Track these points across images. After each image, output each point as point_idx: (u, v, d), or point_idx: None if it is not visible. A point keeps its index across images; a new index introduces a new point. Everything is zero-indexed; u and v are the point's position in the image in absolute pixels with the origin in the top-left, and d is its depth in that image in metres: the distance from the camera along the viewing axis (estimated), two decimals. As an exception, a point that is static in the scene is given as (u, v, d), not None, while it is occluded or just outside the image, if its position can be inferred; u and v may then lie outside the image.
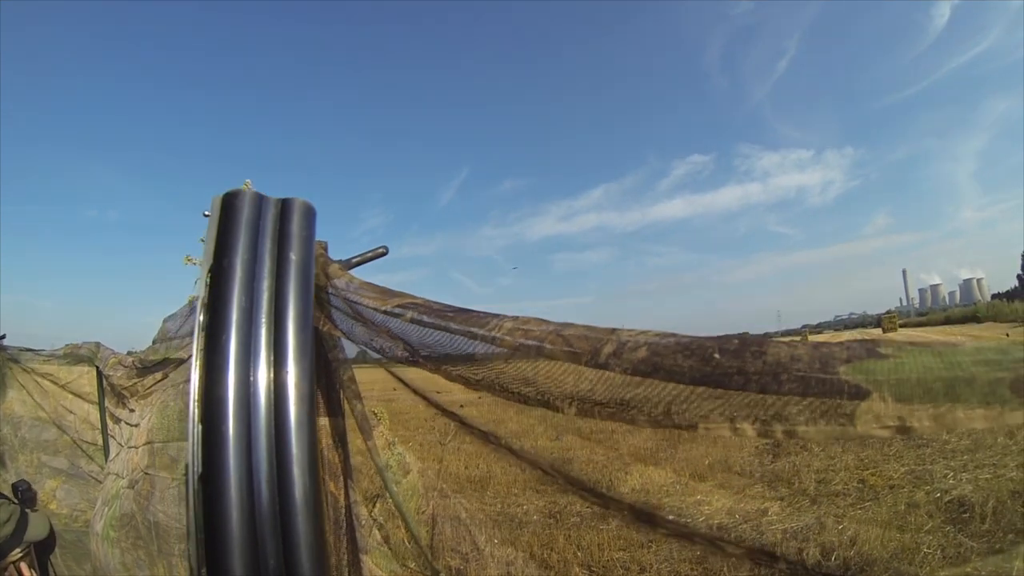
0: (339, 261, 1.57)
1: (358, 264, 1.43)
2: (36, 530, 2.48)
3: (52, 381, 2.85)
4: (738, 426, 0.90)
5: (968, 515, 4.86)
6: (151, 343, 2.46)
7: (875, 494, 5.79)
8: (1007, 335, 28.35)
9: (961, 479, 5.80)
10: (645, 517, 1.24)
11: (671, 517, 4.25)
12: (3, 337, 3.17)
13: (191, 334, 1.29)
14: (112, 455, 2.61)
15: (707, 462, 7.98)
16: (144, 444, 2.28)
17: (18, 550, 2.39)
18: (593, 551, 5.13)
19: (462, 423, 1.72)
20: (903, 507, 5.29)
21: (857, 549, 4.46)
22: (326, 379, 1.78)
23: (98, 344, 2.71)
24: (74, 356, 2.81)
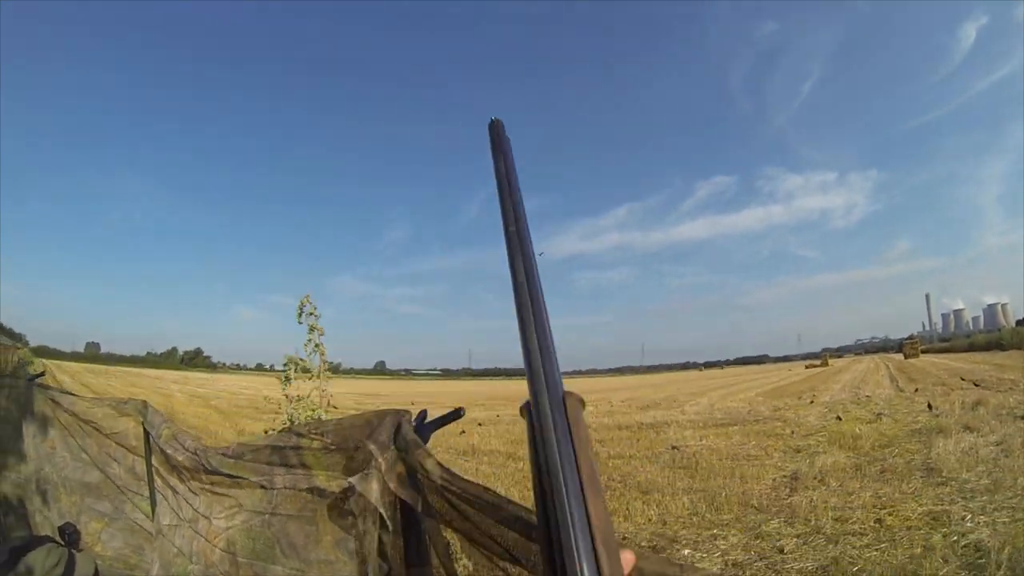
0: (419, 421, 1.76)
1: (439, 426, 1.56)
2: (83, 572, 2.56)
3: (95, 428, 2.90)
4: None
5: (984, 560, 4.82)
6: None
7: (892, 535, 5.75)
8: (1032, 365, 28.03)
9: (979, 522, 5.77)
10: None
11: (687, 551, 4.32)
12: (42, 375, 3.22)
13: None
14: (165, 518, 2.62)
15: (724, 494, 7.95)
16: (223, 548, 2.35)
17: None
18: None
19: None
20: (919, 550, 5.24)
21: None
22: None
23: (145, 404, 2.77)
24: (118, 409, 2.85)
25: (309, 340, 5.28)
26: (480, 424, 20.15)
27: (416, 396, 47.09)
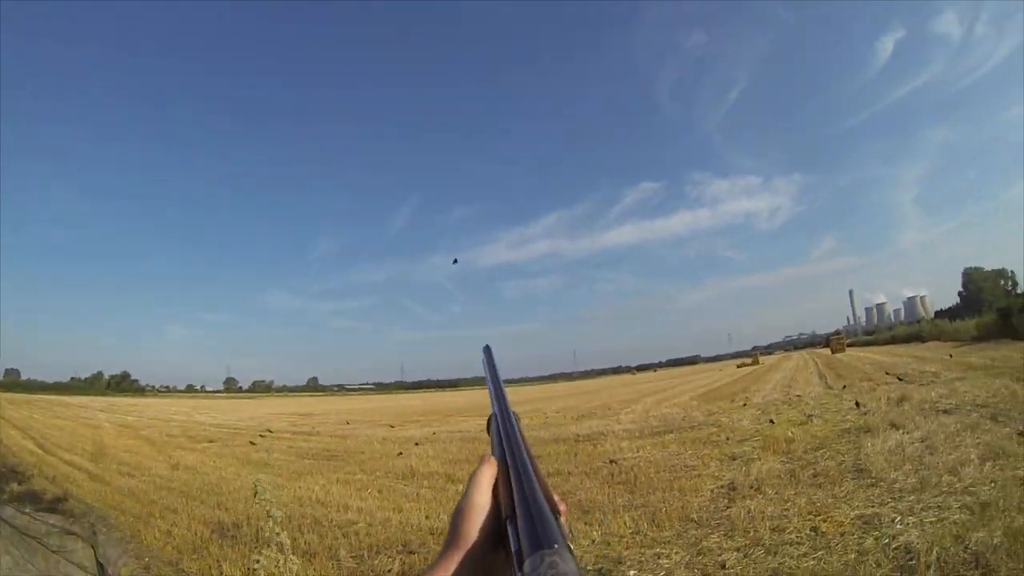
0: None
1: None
2: None
3: (40, 543, 2.80)
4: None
5: (914, 562, 4.99)
6: None
7: (827, 542, 5.89)
8: (950, 356, 29.07)
9: (908, 523, 5.97)
10: None
11: (632, 573, 4.36)
12: None
13: None
14: None
15: (664, 509, 8.05)
16: None
17: None
18: None
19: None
20: (853, 556, 5.40)
21: None
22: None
23: (94, 531, 2.65)
24: (66, 529, 2.73)
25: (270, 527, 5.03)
26: (417, 444, 19.99)
27: (351, 413, 46.51)
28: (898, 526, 5.97)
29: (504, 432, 0.91)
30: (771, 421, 15.03)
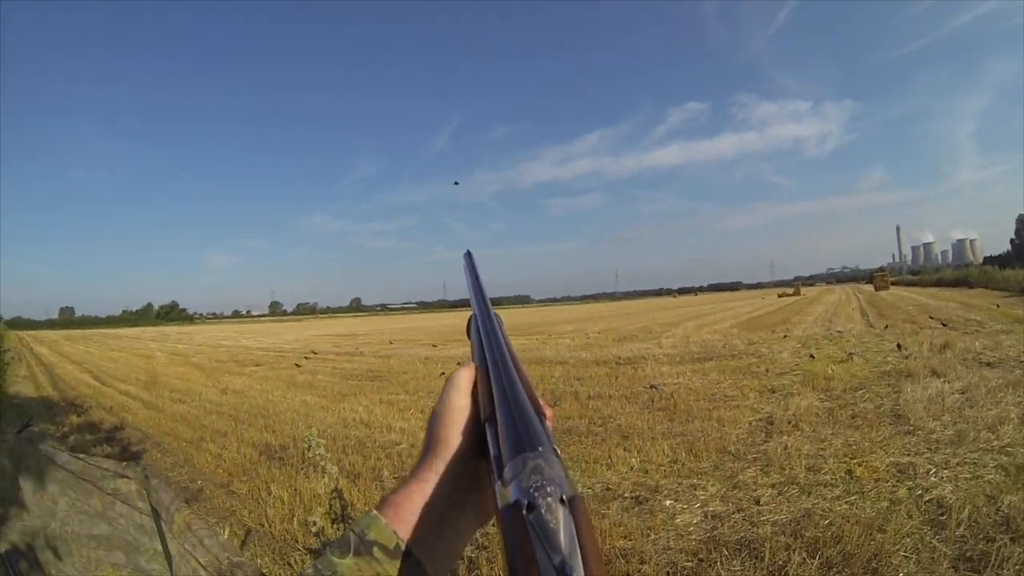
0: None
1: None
2: None
3: (95, 486, 2.85)
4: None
5: (945, 518, 5.11)
6: None
7: (861, 487, 6.03)
8: (997, 306, 28.55)
9: (943, 476, 6.06)
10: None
11: (668, 502, 4.60)
12: (29, 424, 3.14)
13: None
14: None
15: (703, 440, 8.26)
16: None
17: None
18: (597, 539, 5.38)
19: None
20: (886, 504, 5.54)
21: (840, 548, 4.72)
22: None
23: (146, 475, 2.68)
24: (118, 472, 2.78)
25: (325, 485, 5.01)
26: (459, 363, 20.21)
27: (394, 333, 47.40)
28: (932, 478, 6.06)
29: (484, 332, 0.87)
30: (811, 356, 15.09)
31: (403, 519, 0.67)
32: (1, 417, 13.47)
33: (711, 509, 5.93)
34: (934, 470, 6.31)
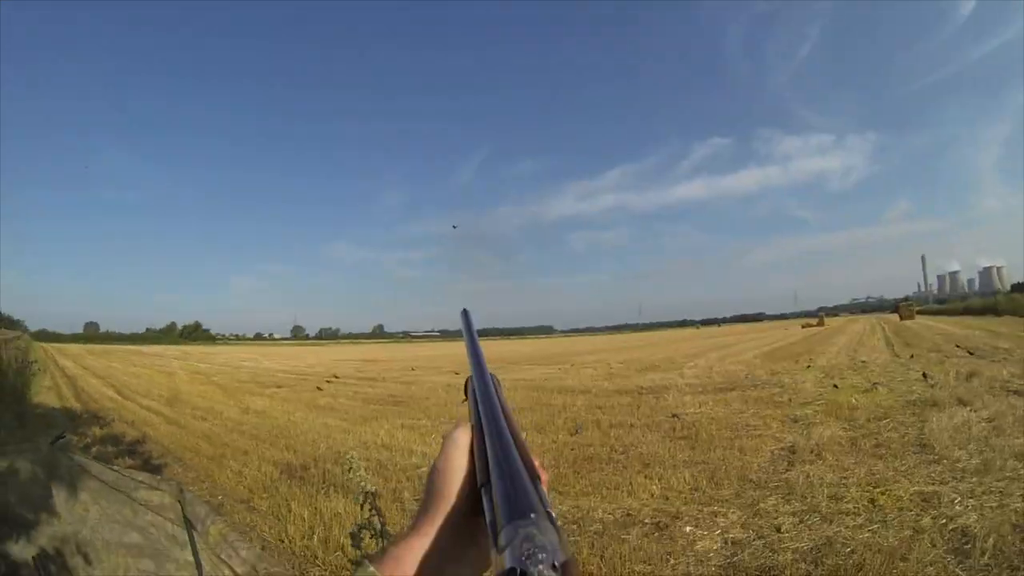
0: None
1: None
2: None
3: (128, 496, 2.88)
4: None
5: (969, 546, 5.06)
6: None
7: (884, 516, 5.99)
8: (1025, 334, 28.14)
9: (967, 505, 5.99)
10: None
11: (688, 528, 4.58)
12: (63, 437, 3.21)
13: None
14: None
15: (724, 468, 8.23)
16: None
17: None
18: (616, 563, 5.35)
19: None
20: (909, 532, 5.49)
21: None
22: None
23: (181, 488, 2.72)
24: (152, 485, 2.83)
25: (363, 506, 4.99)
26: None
27: (416, 360, 47.56)
28: (957, 507, 6.00)
29: (480, 395, 0.87)
30: (835, 386, 14.96)
31: (402, 573, 0.68)
32: (27, 426, 13.68)
33: (731, 536, 5.91)
34: (959, 499, 6.23)
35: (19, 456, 3.14)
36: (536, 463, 0.69)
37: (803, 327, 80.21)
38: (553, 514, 0.57)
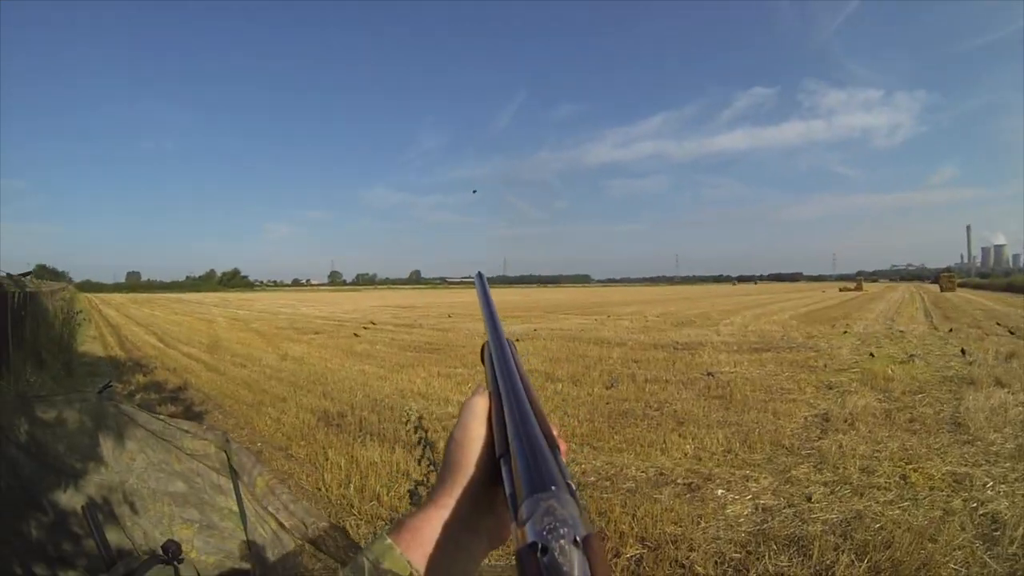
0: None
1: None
2: None
3: (174, 446, 2.89)
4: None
5: (999, 533, 5.10)
6: None
7: (915, 494, 6.04)
8: (1073, 314, 27.59)
9: (999, 491, 6.02)
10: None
11: (720, 491, 4.71)
12: (110, 385, 3.18)
13: None
14: (259, 536, 2.64)
15: (757, 431, 8.32)
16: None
17: None
18: (647, 524, 5.49)
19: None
20: (939, 514, 5.54)
21: (889, 554, 4.76)
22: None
23: (227, 438, 2.65)
24: (198, 434, 2.83)
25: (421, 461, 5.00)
26: (517, 340, 20.39)
27: (453, 307, 48.00)
28: (989, 492, 6.03)
29: (497, 362, 0.84)
30: (871, 354, 14.93)
31: (420, 544, 0.68)
32: (73, 375, 14.13)
33: (762, 502, 6.02)
34: (991, 483, 6.25)
35: (67, 406, 3.24)
36: (555, 431, 0.68)
37: (840, 290, 79.38)
38: (573, 486, 0.55)
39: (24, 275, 16.34)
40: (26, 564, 3.14)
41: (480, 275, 1.19)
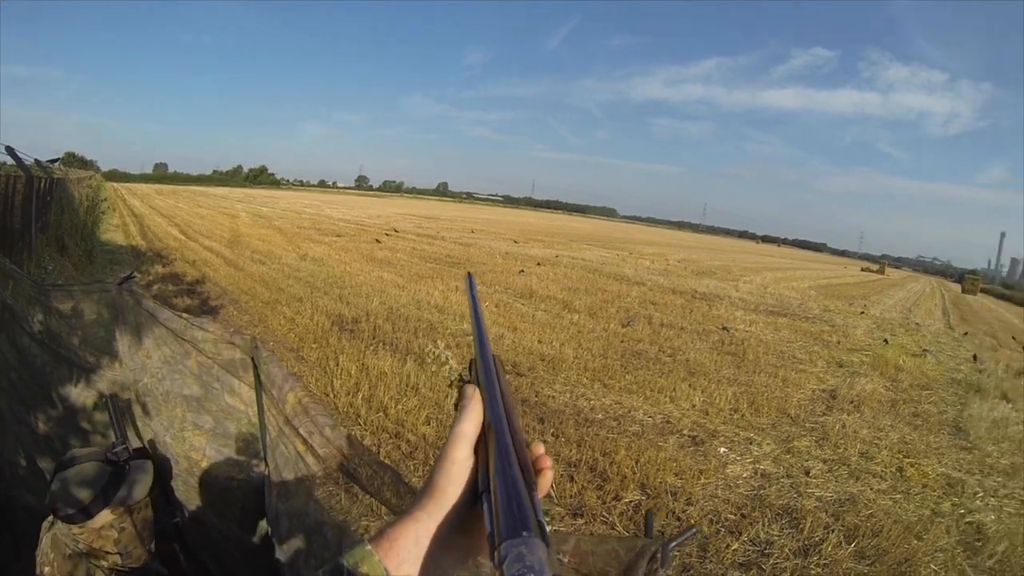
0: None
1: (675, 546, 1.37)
2: (139, 480, 2.44)
3: (195, 348, 2.60)
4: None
5: (981, 544, 5.29)
6: None
7: (908, 487, 6.24)
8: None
9: (988, 503, 6.20)
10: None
11: (723, 450, 4.93)
12: (132, 276, 2.95)
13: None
14: (281, 464, 2.45)
15: (765, 395, 8.52)
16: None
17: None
18: (649, 471, 5.70)
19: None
20: (928, 512, 5.74)
21: (876, 542, 4.97)
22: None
23: (256, 344, 2.37)
24: (224, 339, 2.51)
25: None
26: (539, 264, 20.72)
27: (477, 223, 48.05)
28: (978, 502, 6.20)
29: (486, 384, 0.84)
30: (886, 340, 15.01)
31: (396, 553, 0.71)
32: (94, 262, 14.42)
33: (762, 468, 6.24)
34: (982, 494, 6.42)
35: (86, 297, 3.15)
36: (538, 453, 0.74)
37: (862, 270, 78.71)
38: (546, 527, 0.59)
39: (52, 161, 16.40)
40: (31, 457, 3.22)
41: (470, 276, 1.21)
